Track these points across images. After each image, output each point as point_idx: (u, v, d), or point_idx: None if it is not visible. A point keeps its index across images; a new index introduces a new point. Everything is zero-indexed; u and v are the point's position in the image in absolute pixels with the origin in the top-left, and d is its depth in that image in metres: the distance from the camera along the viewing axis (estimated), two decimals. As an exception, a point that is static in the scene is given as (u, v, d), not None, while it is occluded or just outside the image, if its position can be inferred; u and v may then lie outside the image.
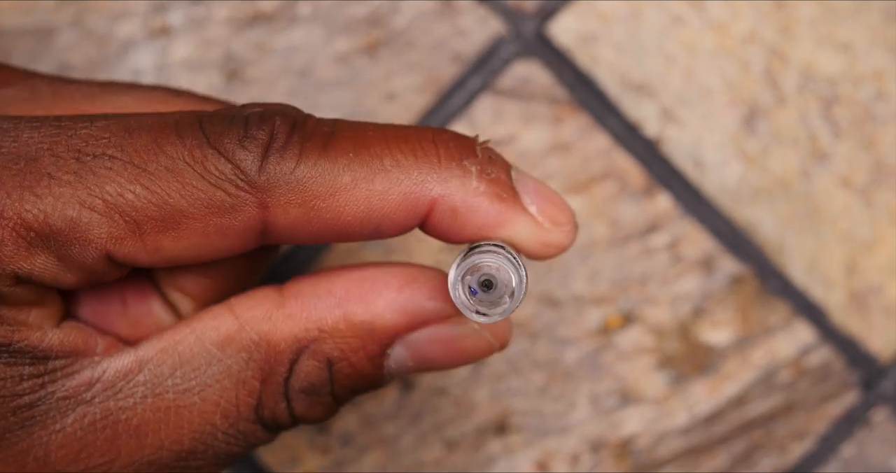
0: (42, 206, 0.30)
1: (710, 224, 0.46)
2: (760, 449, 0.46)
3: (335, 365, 0.32)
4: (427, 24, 0.46)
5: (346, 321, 0.32)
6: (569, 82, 0.46)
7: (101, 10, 0.45)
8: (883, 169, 0.46)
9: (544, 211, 0.32)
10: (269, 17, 0.46)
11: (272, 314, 0.32)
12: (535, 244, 0.32)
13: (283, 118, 0.31)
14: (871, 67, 0.46)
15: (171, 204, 0.30)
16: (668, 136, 0.46)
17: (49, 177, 0.30)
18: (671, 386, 0.46)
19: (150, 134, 0.31)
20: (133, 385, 0.32)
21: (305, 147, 0.31)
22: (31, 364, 0.31)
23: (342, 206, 0.31)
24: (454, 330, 0.33)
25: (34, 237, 0.30)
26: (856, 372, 0.46)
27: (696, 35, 0.46)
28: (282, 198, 0.31)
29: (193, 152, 0.30)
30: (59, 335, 0.31)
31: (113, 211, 0.30)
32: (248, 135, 0.31)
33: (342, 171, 0.31)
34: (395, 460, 0.45)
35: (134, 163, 0.30)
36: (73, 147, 0.30)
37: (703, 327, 0.46)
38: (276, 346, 0.32)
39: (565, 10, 0.46)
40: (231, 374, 0.32)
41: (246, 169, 0.30)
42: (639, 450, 0.46)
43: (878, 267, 0.46)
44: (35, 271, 0.30)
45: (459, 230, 0.32)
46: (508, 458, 0.46)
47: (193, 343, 0.32)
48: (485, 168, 0.32)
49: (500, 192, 0.32)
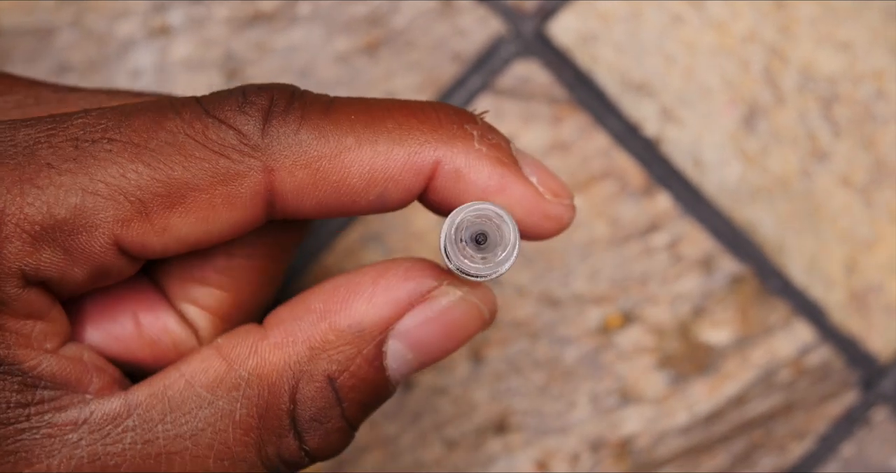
0: (44, 197, 0.29)
1: (710, 223, 0.46)
2: (760, 449, 0.46)
3: (337, 381, 0.31)
4: (427, 23, 0.46)
5: (334, 331, 0.31)
6: (568, 82, 0.46)
7: (101, 10, 0.45)
8: (883, 168, 0.46)
9: (544, 181, 0.32)
10: (268, 16, 0.46)
11: (258, 347, 0.31)
12: (536, 214, 0.32)
13: (282, 88, 0.31)
14: (870, 67, 0.46)
15: (175, 178, 0.30)
16: (667, 136, 0.46)
17: (49, 167, 0.29)
18: (671, 386, 0.46)
19: (147, 114, 0.30)
20: (122, 430, 0.31)
21: (307, 111, 0.30)
22: (19, 390, 0.30)
23: (347, 167, 0.30)
24: (439, 303, 0.32)
25: (38, 231, 0.29)
26: (856, 372, 0.46)
27: (695, 34, 0.46)
28: (287, 160, 0.30)
29: (193, 124, 0.30)
30: (55, 364, 0.30)
31: (117, 193, 0.29)
32: (247, 101, 0.30)
33: (346, 133, 0.30)
34: (395, 459, 0.45)
35: (134, 142, 0.30)
36: (71, 136, 0.30)
37: (703, 327, 0.46)
38: (268, 378, 0.31)
39: (565, 9, 0.46)
40: (224, 416, 0.31)
41: (248, 133, 0.30)
42: (638, 450, 0.46)
43: (878, 267, 0.46)
44: (42, 266, 0.29)
45: (461, 194, 0.31)
46: (508, 458, 0.46)
47: (183, 387, 0.31)
48: (485, 134, 0.32)
49: (501, 157, 0.31)
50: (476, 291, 0.32)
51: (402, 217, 0.46)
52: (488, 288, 0.33)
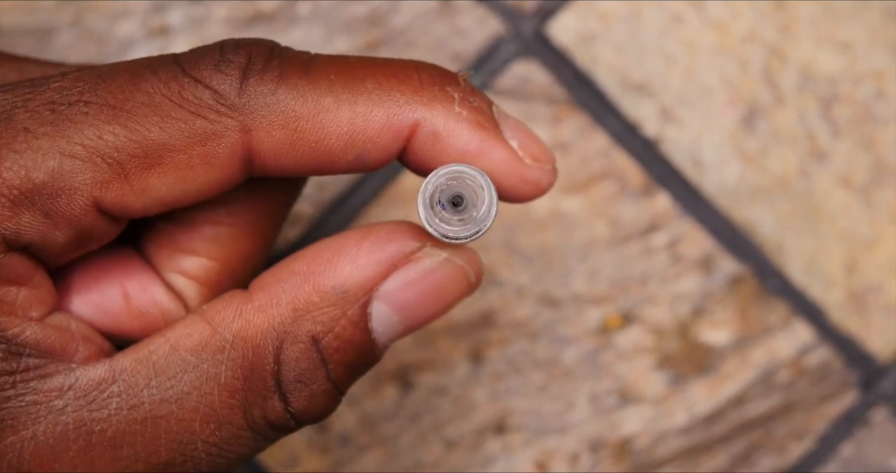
0: (22, 162, 0.29)
1: (710, 223, 0.46)
2: (760, 449, 0.46)
3: (322, 342, 0.31)
4: (426, 23, 0.46)
5: (318, 292, 0.31)
6: (568, 82, 0.46)
7: (101, 10, 0.45)
8: (882, 168, 0.46)
9: (524, 145, 0.32)
10: (268, 16, 0.46)
11: (242, 310, 0.31)
12: (514, 178, 0.32)
13: (260, 45, 0.31)
14: (870, 67, 0.46)
15: (152, 139, 0.30)
16: (667, 136, 0.46)
17: (25, 132, 0.29)
18: (670, 386, 0.46)
19: (124, 75, 0.30)
20: (107, 396, 0.31)
21: (286, 70, 0.30)
22: (4, 358, 0.30)
23: (326, 127, 0.30)
24: (424, 264, 0.32)
25: (17, 195, 0.29)
26: (855, 372, 0.46)
27: (695, 34, 0.46)
28: (264, 119, 0.30)
29: (170, 84, 0.30)
30: (39, 331, 0.30)
31: (94, 155, 0.29)
32: (224, 59, 0.30)
33: (324, 93, 0.30)
34: (395, 460, 0.45)
35: (110, 104, 0.30)
36: (48, 99, 0.30)
37: (703, 327, 0.46)
38: (252, 341, 0.31)
39: (564, 9, 0.46)
40: (209, 378, 0.31)
41: (225, 92, 0.30)
42: (638, 450, 0.46)
43: (878, 267, 0.46)
44: (22, 230, 0.29)
45: (439, 156, 0.31)
46: (508, 458, 0.46)
47: (168, 351, 0.31)
48: (467, 96, 0.31)
49: (481, 121, 0.31)
50: (461, 253, 0.32)
51: (402, 212, 0.46)
52: (473, 250, 0.32)
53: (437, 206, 0.30)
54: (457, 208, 0.30)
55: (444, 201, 0.30)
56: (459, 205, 0.30)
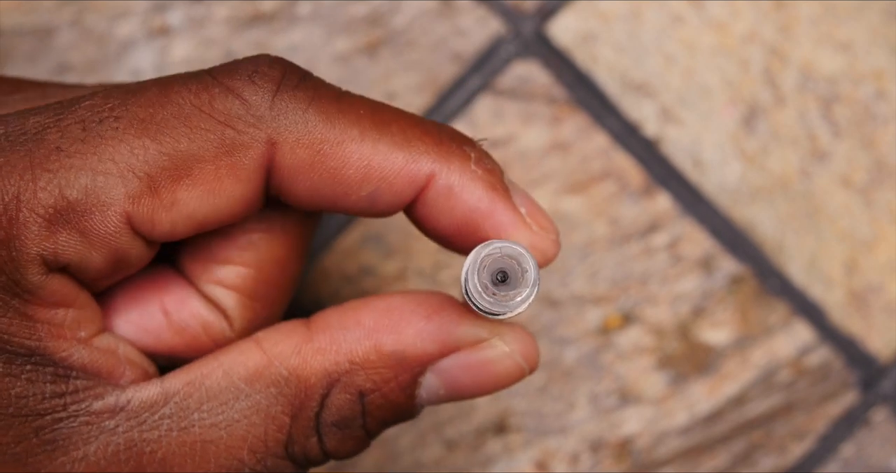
0: (56, 180, 0.29)
1: (710, 223, 0.46)
2: (760, 449, 0.46)
3: (367, 397, 0.32)
4: (427, 23, 0.46)
5: (377, 352, 0.32)
6: (568, 82, 0.46)
7: (101, 10, 0.45)
8: (883, 168, 0.46)
9: (532, 214, 0.32)
10: (268, 16, 0.46)
11: (301, 348, 0.32)
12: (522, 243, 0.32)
13: (295, 66, 0.31)
14: (870, 67, 0.46)
15: (181, 150, 0.30)
16: (667, 136, 0.46)
17: (58, 151, 0.29)
18: (671, 386, 0.46)
19: (154, 88, 0.30)
20: (158, 417, 0.31)
21: (318, 93, 0.31)
22: (53, 380, 0.30)
23: (347, 157, 0.31)
24: (485, 354, 0.33)
25: (53, 214, 0.29)
26: (855, 372, 0.46)
27: (695, 34, 0.46)
28: (290, 135, 0.30)
29: (200, 94, 0.30)
30: (87, 354, 0.31)
31: (125, 170, 0.29)
32: (258, 72, 0.30)
33: (352, 125, 0.31)
34: (395, 460, 0.45)
35: (140, 117, 0.30)
36: (79, 118, 0.30)
37: (703, 327, 0.46)
38: (307, 381, 0.32)
39: (565, 9, 0.46)
40: (260, 410, 0.31)
41: (255, 103, 0.30)
42: (638, 450, 0.46)
43: (878, 267, 0.46)
44: (60, 250, 0.29)
45: (450, 211, 0.32)
46: (508, 458, 0.46)
47: (221, 377, 0.31)
48: (482, 158, 0.32)
49: (494, 182, 0.32)
50: (522, 345, 0.33)
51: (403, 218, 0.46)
52: (533, 340, 0.33)
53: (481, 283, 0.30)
54: (500, 285, 0.30)
55: (487, 278, 0.30)
56: (503, 282, 0.30)
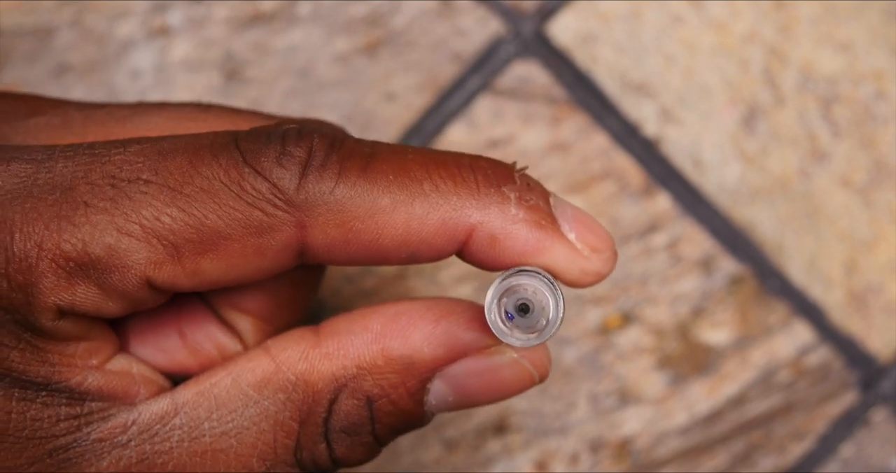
0: (80, 235, 0.29)
1: (710, 224, 0.46)
2: (760, 449, 0.46)
3: (375, 403, 0.32)
4: (426, 23, 0.46)
5: (385, 357, 0.32)
6: (568, 82, 0.46)
7: (101, 10, 0.45)
8: (882, 168, 0.46)
9: (583, 237, 0.32)
10: (268, 16, 0.46)
11: (309, 354, 0.32)
12: (574, 271, 0.32)
13: (322, 136, 0.31)
14: (870, 67, 0.46)
15: (208, 225, 0.30)
16: (667, 136, 0.46)
17: (85, 206, 0.30)
18: (670, 386, 0.46)
19: (184, 155, 0.30)
20: (169, 428, 0.31)
21: (345, 166, 0.30)
22: (68, 404, 0.31)
23: (380, 229, 0.31)
24: (493, 360, 0.32)
25: (73, 267, 0.29)
26: (855, 372, 0.46)
27: (695, 35, 0.46)
28: (320, 217, 0.30)
29: (230, 172, 0.30)
30: (101, 379, 0.31)
31: (150, 235, 0.30)
32: (285, 153, 0.30)
33: (382, 193, 0.30)
34: (395, 460, 0.45)
35: (169, 185, 0.30)
36: (108, 173, 0.30)
37: (703, 327, 0.46)
38: (314, 386, 0.32)
39: (564, 9, 0.46)
40: (269, 416, 0.32)
41: (284, 187, 0.30)
42: (638, 450, 0.46)
43: (878, 267, 0.46)
44: (77, 301, 0.30)
45: (498, 257, 0.31)
46: (508, 458, 0.46)
47: (230, 385, 0.32)
48: (523, 195, 0.31)
49: (538, 219, 0.31)
50: (531, 352, 0.33)
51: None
52: (545, 348, 0.33)
53: (504, 314, 0.30)
54: (524, 315, 0.30)
55: (510, 308, 0.30)
56: (527, 312, 0.30)
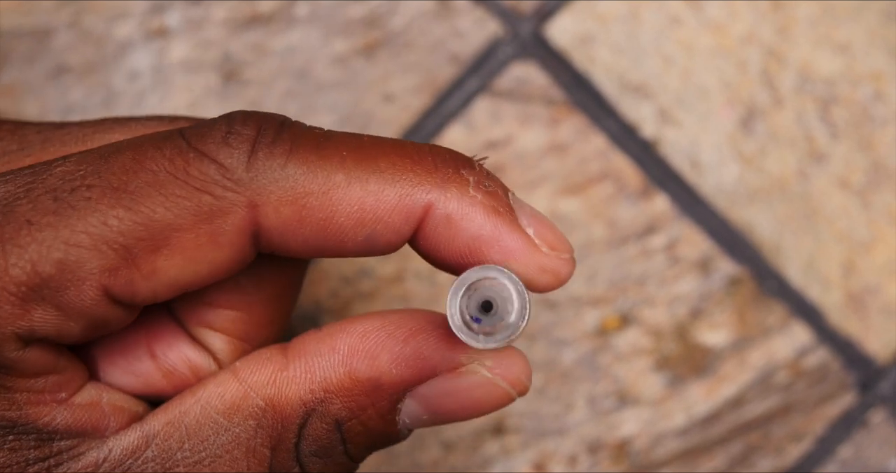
0: (27, 256, 0.28)
1: (708, 225, 0.46)
2: (758, 451, 0.46)
3: (345, 425, 0.31)
4: (424, 25, 0.46)
5: (351, 379, 0.31)
6: (566, 83, 0.46)
7: (99, 11, 0.45)
8: (881, 169, 0.46)
9: (541, 234, 0.31)
10: (266, 18, 0.46)
11: (276, 377, 0.31)
12: (532, 267, 0.31)
13: (271, 117, 0.30)
14: (869, 68, 0.46)
15: (157, 220, 0.29)
16: (665, 137, 0.46)
17: (28, 224, 0.28)
18: (669, 388, 0.46)
19: (128, 153, 0.29)
20: (142, 462, 0.30)
21: (297, 143, 0.29)
22: (36, 446, 0.30)
23: (336, 205, 0.29)
24: (464, 381, 0.31)
25: (26, 291, 0.28)
26: (853, 373, 0.46)
27: (693, 36, 0.46)
28: (272, 195, 0.29)
29: (175, 160, 0.29)
30: (69, 415, 0.30)
31: (99, 242, 0.28)
32: (232, 131, 0.29)
33: (335, 169, 0.29)
34: (393, 461, 0.45)
35: (113, 186, 0.29)
36: (50, 187, 0.29)
37: (701, 328, 0.46)
38: (283, 411, 0.31)
39: (562, 11, 0.46)
40: (240, 443, 0.31)
41: (232, 167, 0.29)
42: (636, 451, 0.46)
43: (876, 268, 0.46)
44: (35, 326, 0.29)
45: (451, 241, 0.30)
46: (506, 459, 0.46)
47: (199, 413, 0.31)
48: (482, 180, 0.31)
49: (496, 205, 0.30)
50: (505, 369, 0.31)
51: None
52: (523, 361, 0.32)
53: (465, 314, 0.29)
54: (487, 314, 0.29)
55: (473, 309, 0.29)
56: (489, 311, 0.29)
